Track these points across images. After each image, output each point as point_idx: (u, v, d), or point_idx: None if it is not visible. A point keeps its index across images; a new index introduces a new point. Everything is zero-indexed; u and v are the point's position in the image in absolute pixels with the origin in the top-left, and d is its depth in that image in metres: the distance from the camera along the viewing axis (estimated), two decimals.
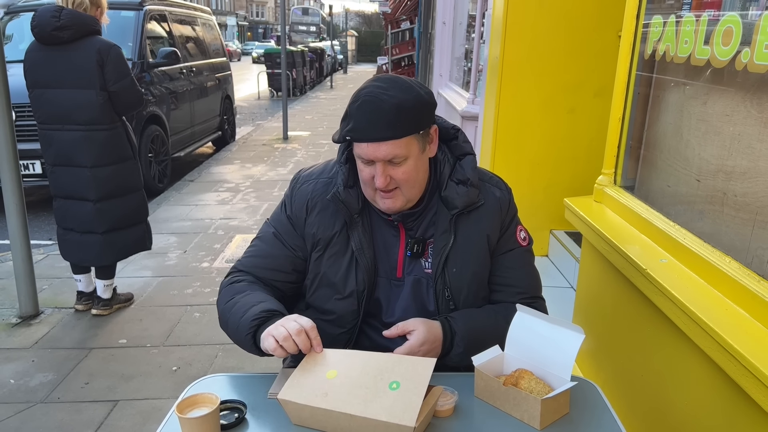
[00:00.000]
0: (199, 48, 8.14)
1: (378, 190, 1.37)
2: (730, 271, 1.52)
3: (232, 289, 1.49)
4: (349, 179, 1.45)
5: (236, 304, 1.43)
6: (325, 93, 18.95)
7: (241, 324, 1.37)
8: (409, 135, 1.32)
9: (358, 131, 1.32)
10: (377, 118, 1.29)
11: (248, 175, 7.28)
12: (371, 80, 1.38)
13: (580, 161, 3.64)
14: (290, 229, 1.52)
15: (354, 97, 1.34)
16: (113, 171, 3.36)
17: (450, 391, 1.26)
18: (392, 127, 1.30)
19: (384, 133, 1.30)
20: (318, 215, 1.48)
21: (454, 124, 1.50)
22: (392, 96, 1.30)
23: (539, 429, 1.20)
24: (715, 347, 1.39)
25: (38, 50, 3.24)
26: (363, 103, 1.31)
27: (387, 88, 1.31)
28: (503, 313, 1.45)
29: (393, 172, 1.34)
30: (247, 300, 1.42)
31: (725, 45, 1.62)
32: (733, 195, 1.65)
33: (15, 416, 2.62)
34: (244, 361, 3.08)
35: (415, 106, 1.32)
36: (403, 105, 1.30)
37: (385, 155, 1.32)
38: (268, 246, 1.55)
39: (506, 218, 1.51)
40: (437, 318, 1.44)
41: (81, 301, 3.60)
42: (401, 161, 1.34)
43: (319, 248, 1.49)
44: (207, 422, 1.15)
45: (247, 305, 1.40)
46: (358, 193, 1.45)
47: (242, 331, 1.36)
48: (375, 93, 1.31)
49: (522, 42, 3.56)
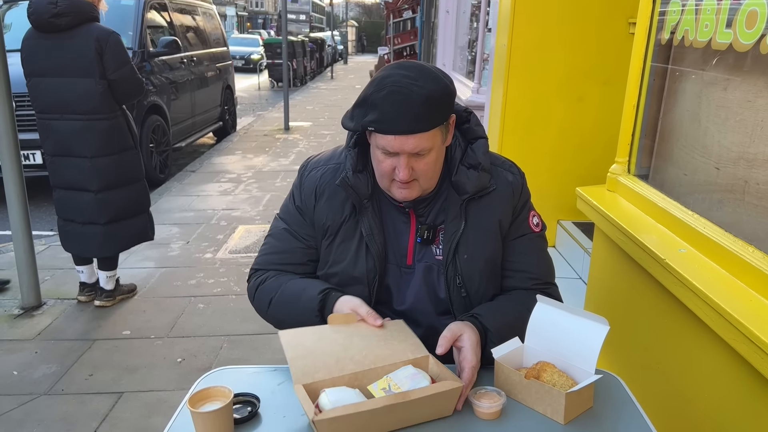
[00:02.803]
0: (199, 37, 8.07)
1: (396, 180, 1.33)
2: (753, 261, 1.48)
3: (267, 289, 1.51)
4: (358, 164, 1.41)
5: (284, 295, 1.46)
6: (325, 83, 18.85)
7: (303, 310, 1.41)
8: (436, 127, 1.28)
9: (385, 123, 1.25)
10: (407, 110, 1.23)
11: (250, 166, 7.23)
12: (393, 66, 1.32)
13: (589, 151, 3.59)
14: (300, 219, 1.50)
15: (378, 86, 1.26)
16: (114, 161, 3.31)
17: (497, 393, 1.21)
18: (422, 120, 1.25)
19: (414, 126, 1.25)
20: (327, 201, 1.45)
21: (466, 107, 1.46)
22: (422, 87, 1.24)
23: (564, 423, 1.16)
24: (740, 338, 1.35)
25: (35, 38, 3.18)
26: (391, 94, 1.24)
27: (415, 78, 1.24)
28: (525, 304, 1.40)
29: (415, 164, 1.30)
30: (292, 289, 1.46)
31: (749, 28, 1.57)
32: (755, 183, 1.61)
33: (19, 408, 2.59)
34: (250, 352, 3.05)
35: (442, 97, 1.27)
36: (432, 96, 1.25)
37: (413, 148, 1.27)
38: (280, 242, 1.53)
39: (518, 203, 1.47)
40: (463, 318, 1.38)
41: (83, 293, 3.56)
42: (426, 153, 1.29)
43: (329, 235, 1.46)
44: (220, 417, 1.11)
45: (296, 292, 1.45)
46: (367, 178, 1.41)
47: (308, 314, 1.40)
48: (403, 83, 1.24)
49: (530, 30, 3.51)
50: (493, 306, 1.43)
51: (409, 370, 1.20)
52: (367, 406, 1.10)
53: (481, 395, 1.20)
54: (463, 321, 1.35)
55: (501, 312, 1.41)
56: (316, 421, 1.06)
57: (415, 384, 1.16)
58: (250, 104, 13.66)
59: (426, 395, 1.12)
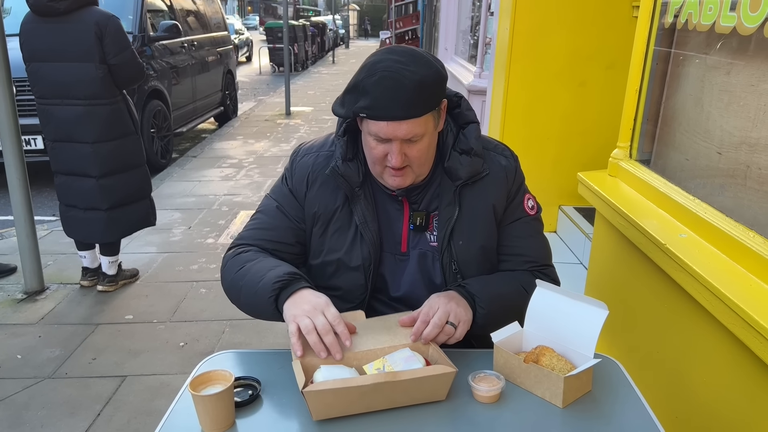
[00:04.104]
0: (200, 21, 8.01)
1: (388, 167, 1.32)
2: (754, 246, 1.48)
3: (240, 259, 1.42)
4: (348, 152, 1.39)
5: (249, 271, 1.37)
6: (327, 68, 18.74)
7: (259, 289, 1.31)
8: (429, 112, 1.27)
9: (377, 109, 1.24)
10: (399, 95, 1.22)
11: (251, 151, 7.22)
12: (384, 51, 1.30)
13: (591, 135, 3.57)
14: (292, 200, 1.48)
15: (369, 71, 1.25)
16: (115, 147, 3.31)
17: (496, 377, 1.22)
18: (414, 105, 1.24)
19: (406, 111, 1.23)
20: (319, 189, 1.44)
21: (457, 92, 1.44)
22: (413, 72, 1.22)
23: (562, 407, 1.17)
24: (740, 323, 1.36)
25: (34, 22, 3.16)
26: (382, 79, 1.22)
27: (407, 63, 1.23)
28: (517, 277, 1.42)
29: (408, 150, 1.29)
30: (262, 266, 1.37)
31: (753, 11, 1.55)
32: (757, 168, 1.60)
33: (23, 391, 2.62)
34: (252, 336, 3.07)
35: (435, 82, 1.26)
36: (425, 81, 1.23)
37: (405, 134, 1.26)
38: (270, 218, 1.50)
39: (513, 187, 1.46)
40: (450, 288, 1.39)
41: (86, 277, 3.58)
42: (418, 139, 1.28)
43: (321, 224, 1.45)
44: (221, 400, 1.12)
45: (262, 270, 1.35)
46: (358, 166, 1.40)
47: (262, 295, 1.30)
48: (395, 68, 1.22)
49: (532, 14, 3.48)
50: (482, 277, 1.43)
51: (406, 353, 1.21)
52: (355, 382, 1.12)
53: (480, 379, 1.21)
54: (445, 291, 1.36)
55: (488, 280, 1.41)
56: (305, 392, 1.09)
57: (409, 366, 1.17)
58: (252, 89, 13.60)
59: (415, 377, 1.13)
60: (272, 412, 1.19)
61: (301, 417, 1.16)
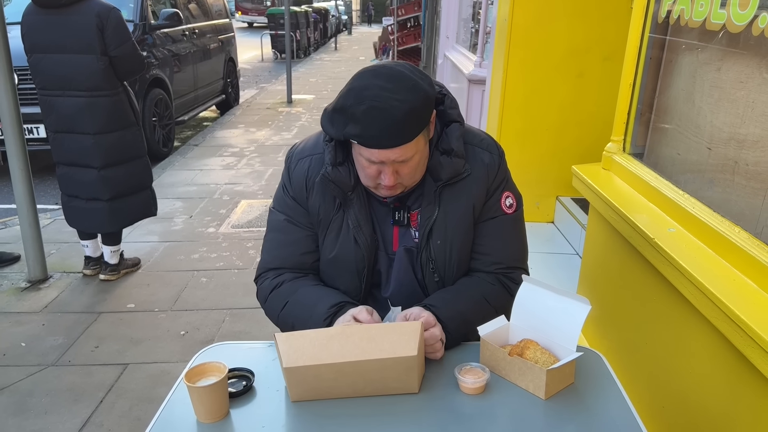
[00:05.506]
0: (201, 9, 8.00)
1: (381, 184, 1.33)
2: (739, 242, 1.51)
3: (282, 294, 1.47)
4: (337, 156, 1.38)
5: (296, 307, 1.44)
6: (329, 55, 18.67)
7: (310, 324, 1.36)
8: (420, 134, 1.28)
9: (367, 138, 1.24)
10: (389, 125, 1.21)
11: (253, 140, 7.24)
12: (370, 74, 1.26)
13: (589, 127, 3.58)
14: (298, 208, 1.48)
15: (356, 98, 1.23)
16: (117, 138, 3.34)
17: (481, 369, 1.26)
18: (404, 134, 1.24)
19: (397, 140, 1.24)
20: (317, 194, 1.45)
21: (441, 86, 1.42)
22: (402, 101, 1.21)
23: (544, 398, 1.21)
24: (722, 318, 1.39)
25: (36, 13, 3.18)
26: (371, 109, 1.21)
27: (394, 91, 1.21)
28: (481, 288, 1.45)
29: (400, 168, 1.30)
30: (305, 298, 1.44)
31: (742, 9, 1.57)
32: (744, 164, 1.62)
33: (27, 379, 2.68)
34: (252, 325, 3.11)
35: (423, 105, 1.26)
36: (414, 108, 1.23)
37: (397, 158, 1.27)
38: (284, 235, 1.50)
39: (492, 184, 1.45)
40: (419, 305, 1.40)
41: (89, 266, 3.63)
42: (410, 159, 1.29)
43: (322, 227, 1.47)
44: (215, 391, 1.16)
45: (307, 305, 1.42)
46: (349, 169, 1.38)
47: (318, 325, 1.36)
48: (383, 98, 1.21)
49: (531, 3, 3.47)
50: (446, 296, 1.43)
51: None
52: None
53: (466, 371, 1.25)
54: None
55: (452, 302, 1.41)
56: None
57: None
58: (253, 76, 13.58)
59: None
60: (265, 403, 1.23)
61: (292, 407, 1.20)
